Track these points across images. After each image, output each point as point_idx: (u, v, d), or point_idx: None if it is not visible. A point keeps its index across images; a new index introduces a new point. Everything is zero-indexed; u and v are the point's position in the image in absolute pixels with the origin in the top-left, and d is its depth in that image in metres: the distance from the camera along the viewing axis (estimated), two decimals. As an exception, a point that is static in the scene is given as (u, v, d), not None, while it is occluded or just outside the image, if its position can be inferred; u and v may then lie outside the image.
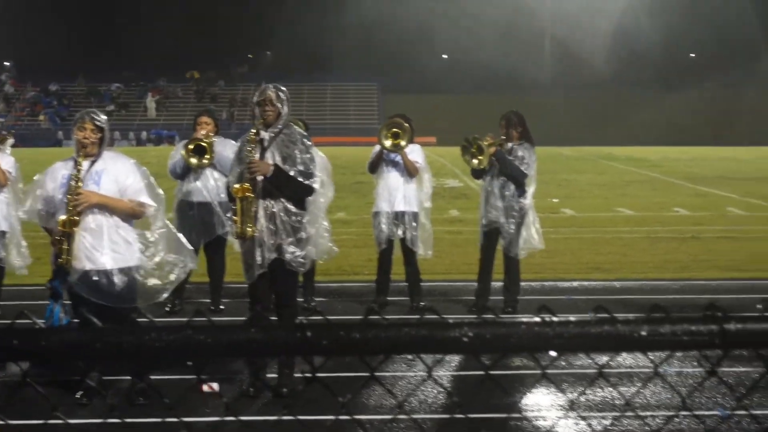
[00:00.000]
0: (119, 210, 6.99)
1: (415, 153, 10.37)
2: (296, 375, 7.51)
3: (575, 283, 12.16)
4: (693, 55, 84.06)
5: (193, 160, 9.87)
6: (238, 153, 7.58)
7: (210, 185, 10.03)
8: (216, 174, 10.02)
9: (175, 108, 77.35)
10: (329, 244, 10.12)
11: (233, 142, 10.37)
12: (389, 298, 10.76)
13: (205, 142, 9.85)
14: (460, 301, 11.03)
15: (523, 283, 11.50)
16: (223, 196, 10.09)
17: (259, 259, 7.34)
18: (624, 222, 19.33)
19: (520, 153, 10.18)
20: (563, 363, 8.15)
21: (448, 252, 14.74)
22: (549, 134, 67.80)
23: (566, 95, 77.29)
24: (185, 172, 10.01)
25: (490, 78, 76.25)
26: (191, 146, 9.87)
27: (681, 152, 47.60)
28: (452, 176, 31.34)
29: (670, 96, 76.92)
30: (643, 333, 1.49)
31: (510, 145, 10.23)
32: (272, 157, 7.32)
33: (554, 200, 23.86)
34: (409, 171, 10.30)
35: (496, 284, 10.71)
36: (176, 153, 10.14)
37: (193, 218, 10.07)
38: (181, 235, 7.55)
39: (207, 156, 9.85)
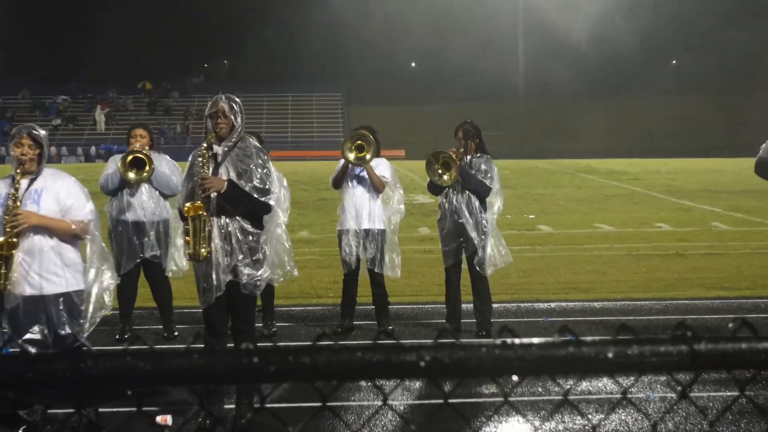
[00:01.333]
0: (60, 231, 6.92)
1: (381, 167, 10.38)
2: (256, 406, 7.48)
3: (553, 304, 12.19)
4: (675, 61, 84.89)
5: (132, 174, 9.82)
6: (190, 169, 7.54)
7: (144, 202, 9.99)
8: (151, 191, 9.99)
9: (126, 121, 76.90)
10: (288, 267, 10.08)
11: (168, 157, 10.35)
12: (355, 323, 10.75)
13: (143, 155, 9.82)
14: (431, 324, 11.03)
15: (497, 305, 11.52)
16: (157, 215, 10.06)
17: (214, 281, 7.31)
18: (603, 238, 19.43)
19: (483, 167, 10.22)
20: (526, 388, 8.17)
21: (418, 272, 14.75)
22: (524, 146, 68.34)
23: (542, 104, 77.79)
24: (120, 187, 9.95)
25: (461, 87, 76.60)
26: (129, 159, 9.83)
27: (662, 164, 47.95)
28: (422, 191, 31.38)
29: (650, 105, 77.62)
30: (610, 355, 1.50)
31: (468, 157, 10.28)
32: (226, 173, 7.29)
33: (530, 216, 23.96)
34: (376, 186, 10.31)
35: (469, 306, 10.74)
36: (110, 166, 10.09)
37: (123, 238, 10.01)
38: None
39: (146, 169, 9.81)
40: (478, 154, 10.33)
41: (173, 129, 73.73)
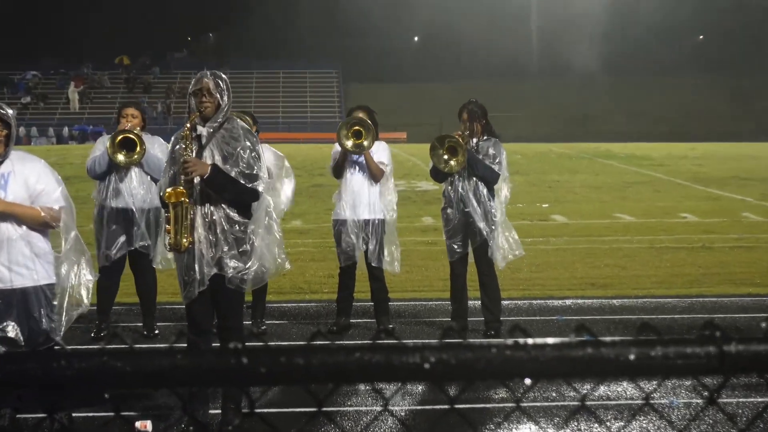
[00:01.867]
0: (29, 219, 6.90)
1: (380, 152, 10.37)
2: (244, 410, 7.49)
3: (568, 301, 12.20)
4: (701, 37, 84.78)
5: (121, 157, 9.79)
6: (171, 152, 7.51)
7: (134, 189, 9.97)
8: (142, 176, 9.98)
9: (101, 100, 77.00)
10: (279, 259, 10.08)
11: (161, 139, 10.33)
12: (352, 320, 10.75)
13: (134, 135, 9.79)
14: (434, 323, 11.04)
15: (508, 302, 11.52)
16: (148, 202, 10.05)
17: (197, 275, 7.30)
18: (623, 230, 19.43)
19: (490, 150, 10.21)
20: (539, 393, 8.18)
21: (421, 266, 14.75)
22: (537, 129, 68.32)
23: (556, 84, 77.70)
24: (108, 171, 9.93)
25: (468, 65, 76.54)
26: (118, 140, 9.80)
27: (688, 149, 47.99)
28: (425, 178, 31.35)
29: (676, 85, 77.51)
30: (631, 357, 1.50)
31: (474, 140, 10.27)
32: (211, 156, 7.26)
33: (543, 205, 23.96)
34: (374, 174, 10.30)
35: (476, 303, 10.75)
36: (98, 148, 10.07)
37: (110, 227, 10.01)
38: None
39: (137, 150, 9.78)
40: (485, 137, 10.32)
41: (154, 108, 73.73)
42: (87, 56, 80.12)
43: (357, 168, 10.36)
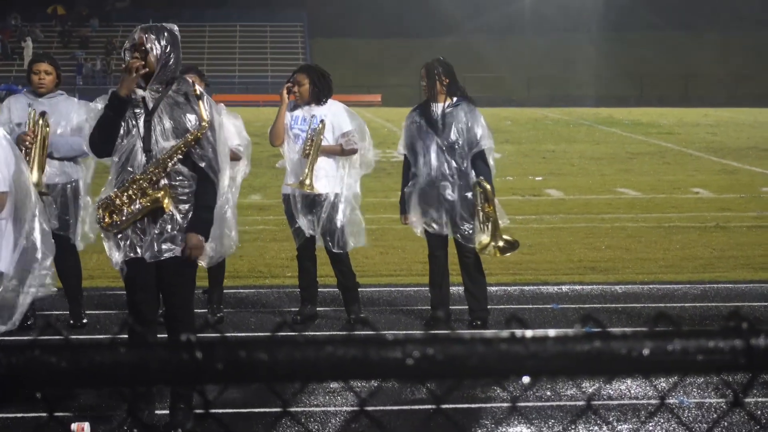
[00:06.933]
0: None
1: (340, 117, 10.30)
2: (197, 411, 7.48)
3: (564, 287, 12.24)
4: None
5: (35, 177, 9.66)
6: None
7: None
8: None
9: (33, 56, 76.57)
10: (230, 242, 10.02)
11: (77, 101, 10.23)
12: (320, 309, 10.74)
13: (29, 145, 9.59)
14: (412, 311, 11.05)
15: (497, 288, 11.55)
16: (64, 176, 9.93)
17: (139, 251, 7.26)
18: (627, 207, 19.51)
19: (464, 119, 10.14)
20: (532, 391, 8.20)
21: (398, 247, 14.77)
22: (530, 91, 68.38)
23: (552, 40, 77.73)
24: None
25: (451, 17, 76.40)
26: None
27: (701, 115, 48.16)
28: (402, 147, 31.42)
29: (687, 41, 77.67)
30: (646, 352, 1.49)
31: (439, 106, 10.21)
32: (160, 124, 7.18)
33: (537, 178, 24.02)
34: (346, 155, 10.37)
35: (458, 288, 10.75)
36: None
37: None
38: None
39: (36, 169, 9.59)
40: (455, 100, 10.25)
41: (92, 65, 73.35)
42: (15, 5, 79.58)
43: (300, 134, 10.26)
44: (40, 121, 9.48)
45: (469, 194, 10.18)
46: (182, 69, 8.18)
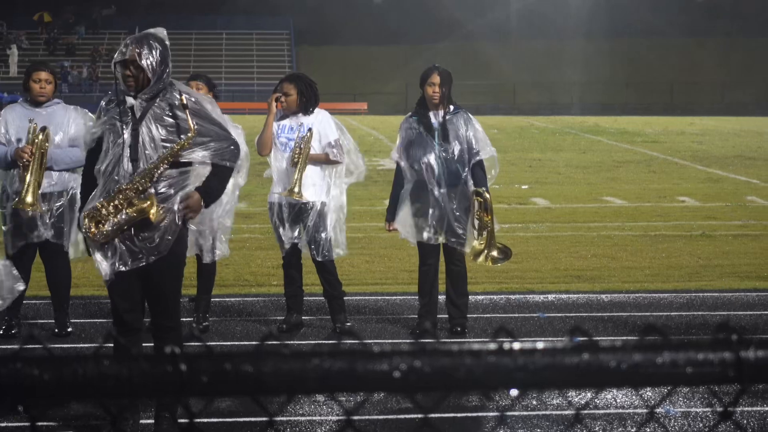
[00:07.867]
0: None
1: (325, 129, 10.32)
2: (182, 420, 7.47)
3: (550, 296, 12.24)
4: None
5: (29, 199, 9.65)
6: (102, 123, 7.40)
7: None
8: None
9: (18, 63, 76.41)
10: (220, 243, 10.04)
11: (76, 109, 10.22)
12: (305, 317, 10.73)
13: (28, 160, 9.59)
14: (399, 320, 11.04)
15: (482, 297, 11.55)
16: (60, 185, 9.91)
17: (126, 261, 7.24)
18: (613, 215, 19.54)
19: (462, 128, 10.17)
20: (528, 403, 8.20)
21: (384, 255, 14.75)
22: (516, 99, 68.53)
23: (539, 48, 77.86)
24: (14, 161, 9.80)
25: (436, 24, 76.50)
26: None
27: (686, 123, 48.29)
28: (387, 155, 31.41)
29: (674, 49, 77.84)
30: (635, 363, 1.48)
31: (440, 114, 10.23)
32: (148, 132, 7.17)
33: (523, 187, 24.04)
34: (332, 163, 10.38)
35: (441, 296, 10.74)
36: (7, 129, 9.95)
37: (15, 212, 9.86)
38: None
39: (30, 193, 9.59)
40: (452, 108, 10.30)
41: (78, 72, 73.27)
42: (1, 12, 79.47)
43: (288, 142, 10.30)
44: (41, 136, 9.48)
45: (467, 202, 10.19)
46: (191, 76, 8.13)
